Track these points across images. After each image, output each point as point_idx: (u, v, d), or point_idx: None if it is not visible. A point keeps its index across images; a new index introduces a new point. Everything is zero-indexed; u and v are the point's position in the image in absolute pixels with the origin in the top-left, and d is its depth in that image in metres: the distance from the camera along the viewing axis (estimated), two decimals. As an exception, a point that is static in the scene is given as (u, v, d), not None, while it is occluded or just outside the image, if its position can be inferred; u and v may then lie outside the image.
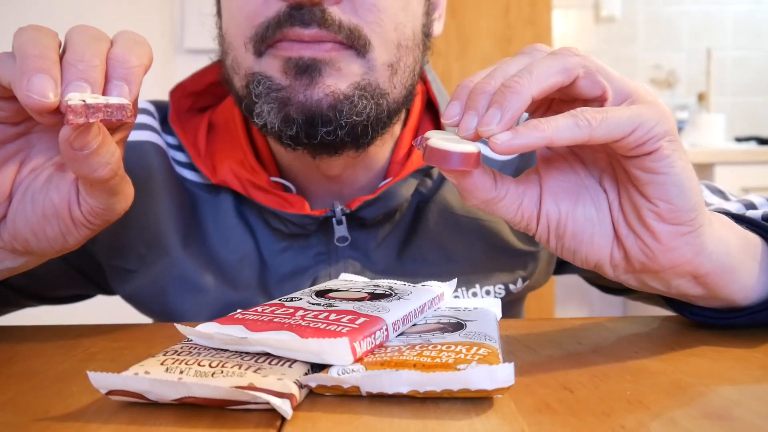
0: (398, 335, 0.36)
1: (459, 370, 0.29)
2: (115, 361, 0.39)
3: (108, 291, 0.65)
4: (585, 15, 2.54)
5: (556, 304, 2.15)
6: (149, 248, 0.58)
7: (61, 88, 0.34)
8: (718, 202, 0.58)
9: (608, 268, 0.39)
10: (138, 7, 1.90)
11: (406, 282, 0.47)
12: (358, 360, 0.31)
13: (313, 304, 0.37)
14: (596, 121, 0.33)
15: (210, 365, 0.30)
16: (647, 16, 2.54)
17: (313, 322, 0.33)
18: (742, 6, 2.54)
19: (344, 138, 0.51)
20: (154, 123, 0.61)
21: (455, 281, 0.47)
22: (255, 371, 0.29)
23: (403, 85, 0.53)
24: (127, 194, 0.42)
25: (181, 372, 0.29)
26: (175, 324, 0.35)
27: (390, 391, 0.29)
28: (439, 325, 0.37)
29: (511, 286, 0.61)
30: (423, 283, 0.45)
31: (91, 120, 0.33)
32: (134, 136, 0.59)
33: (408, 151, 0.60)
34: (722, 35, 2.54)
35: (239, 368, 0.29)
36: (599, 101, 0.36)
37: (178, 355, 0.32)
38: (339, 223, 0.57)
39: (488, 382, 0.28)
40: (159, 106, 0.64)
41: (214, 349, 0.33)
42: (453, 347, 0.32)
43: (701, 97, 2.45)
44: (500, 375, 0.28)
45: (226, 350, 0.32)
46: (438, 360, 0.30)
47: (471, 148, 0.34)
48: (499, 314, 0.43)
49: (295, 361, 0.31)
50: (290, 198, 0.57)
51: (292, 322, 0.33)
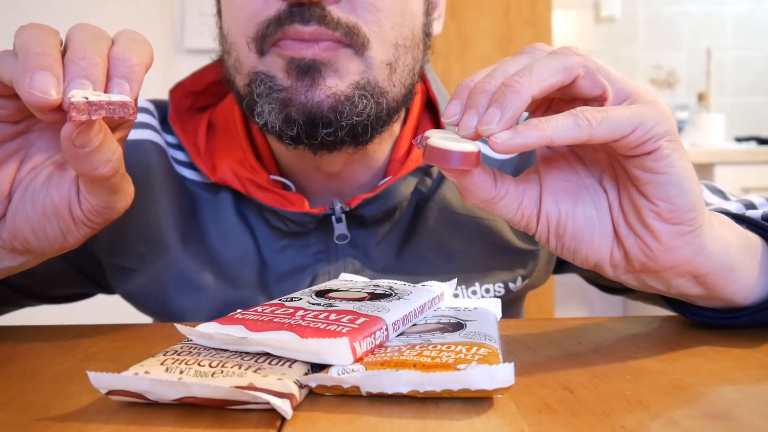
0: (398, 335, 0.36)
1: (459, 370, 0.29)
2: (115, 361, 0.39)
3: (108, 290, 0.65)
4: (585, 15, 2.54)
5: (556, 304, 2.15)
6: (149, 247, 0.58)
7: (63, 86, 0.34)
8: (717, 201, 0.58)
9: (608, 268, 0.39)
10: (138, 7, 1.90)
11: (406, 281, 0.47)
12: (358, 360, 0.31)
13: (313, 304, 0.37)
14: (596, 121, 0.33)
15: (210, 365, 0.30)
16: (647, 16, 2.54)
17: (313, 322, 0.33)
18: (742, 6, 2.54)
19: (344, 137, 0.51)
20: (154, 122, 0.61)
21: (455, 281, 0.47)
22: (255, 371, 0.29)
23: (402, 84, 0.53)
24: (127, 193, 0.42)
25: (181, 372, 0.29)
26: (175, 324, 0.35)
27: (390, 391, 0.29)
28: (439, 325, 0.37)
29: (510, 285, 0.61)
30: (423, 283, 0.45)
31: (94, 117, 0.33)
32: (134, 134, 0.59)
33: (407, 150, 0.60)
34: (722, 35, 2.54)
35: (239, 368, 0.29)
36: (599, 101, 0.36)
37: (178, 355, 0.32)
38: (338, 221, 0.57)
39: (488, 382, 0.28)
40: (159, 105, 0.64)
41: (214, 349, 0.33)
42: (453, 347, 0.32)
43: (701, 97, 2.45)
44: (500, 375, 0.28)
45: (226, 350, 0.32)
46: (438, 360, 0.30)
47: (471, 147, 0.34)
48: (499, 314, 0.43)
49: (295, 361, 0.31)
50: (290, 196, 0.57)
51: (292, 322, 0.33)
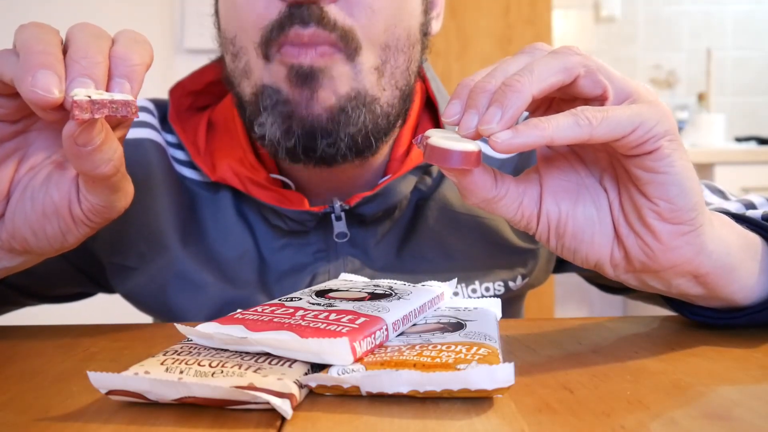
0: (398, 335, 0.36)
1: (459, 370, 0.29)
2: (115, 361, 0.39)
3: (108, 289, 0.65)
4: (585, 15, 2.54)
5: (556, 304, 2.15)
6: (149, 246, 0.58)
7: (65, 85, 0.34)
8: (717, 201, 0.58)
9: (608, 268, 0.39)
10: (138, 7, 1.90)
11: (405, 280, 0.47)
12: (358, 360, 0.31)
13: (313, 304, 0.37)
14: (597, 120, 0.33)
15: (210, 365, 0.30)
16: (647, 16, 2.54)
17: (313, 322, 0.33)
18: (742, 6, 2.54)
19: (346, 151, 0.52)
20: (154, 121, 0.61)
21: (455, 281, 0.47)
22: (255, 371, 0.29)
23: (394, 86, 0.53)
24: (127, 192, 0.42)
25: (181, 372, 0.29)
26: (175, 324, 0.35)
27: (390, 391, 0.29)
28: (439, 325, 0.37)
29: (510, 284, 0.61)
30: (423, 283, 0.45)
31: (97, 116, 0.33)
32: (134, 133, 0.59)
33: (407, 149, 0.60)
34: (722, 35, 2.54)
35: (239, 368, 0.29)
36: (600, 100, 0.36)
37: (178, 355, 0.31)
38: (338, 219, 0.57)
39: (488, 382, 0.28)
40: (158, 104, 0.64)
41: (214, 349, 0.33)
42: (453, 347, 0.32)
43: (701, 97, 2.45)
44: (500, 375, 0.28)
45: (226, 350, 0.32)
46: (438, 360, 0.30)
47: (471, 146, 0.34)
48: (499, 314, 0.43)
49: (295, 361, 0.31)
50: (289, 195, 0.57)
51: (292, 322, 0.33)
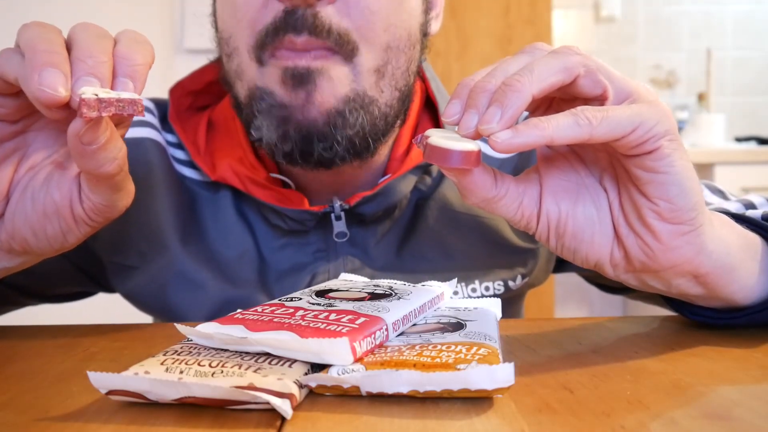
0: (398, 335, 0.36)
1: (459, 370, 0.29)
2: (115, 361, 0.39)
3: (108, 288, 0.65)
4: (585, 15, 2.54)
5: (556, 304, 2.15)
6: (149, 245, 0.58)
7: (71, 83, 0.34)
8: (717, 201, 0.58)
9: (608, 268, 0.39)
10: (138, 7, 1.90)
11: (405, 280, 0.47)
12: (358, 360, 0.31)
13: (313, 304, 0.37)
14: (597, 120, 0.33)
15: (210, 365, 0.30)
16: (647, 16, 2.54)
17: (313, 322, 0.33)
18: (742, 6, 2.54)
19: (343, 154, 0.51)
20: (154, 120, 0.61)
21: (455, 281, 0.47)
22: (255, 371, 0.29)
23: (393, 87, 0.53)
24: (129, 191, 0.42)
25: (181, 372, 0.29)
26: (175, 324, 0.35)
27: (390, 391, 0.29)
28: (439, 325, 0.37)
29: (510, 283, 0.61)
30: (423, 283, 0.45)
31: (104, 114, 0.34)
32: (135, 132, 0.59)
33: (407, 148, 0.60)
34: (722, 35, 2.54)
35: (239, 368, 0.29)
36: (600, 100, 0.36)
37: (178, 355, 0.31)
38: (338, 218, 0.57)
39: (488, 382, 0.28)
40: (158, 104, 0.64)
41: (214, 349, 0.33)
42: (453, 347, 0.32)
43: (701, 97, 2.45)
44: (500, 375, 0.28)
45: (226, 350, 0.32)
46: (438, 360, 0.30)
47: (471, 146, 0.34)
48: (499, 314, 0.43)
49: (295, 361, 0.31)
50: (289, 194, 0.57)
51: (292, 322, 0.33)
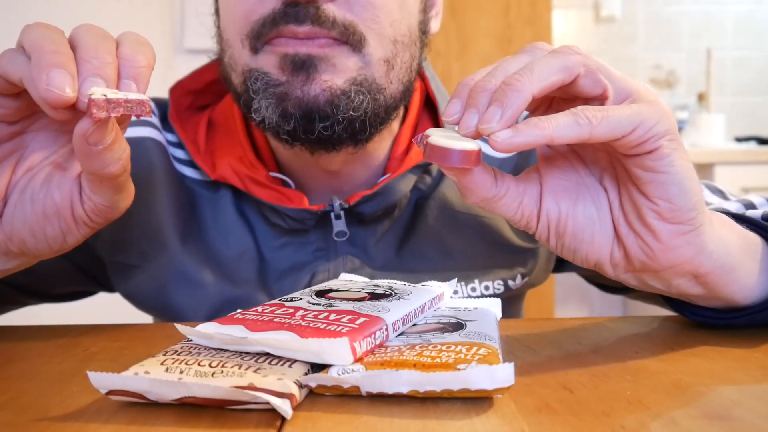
0: (398, 335, 0.36)
1: (459, 370, 0.29)
2: (115, 361, 0.39)
3: (109, 288, 0.65)
4: (585, 15, 2.54)
5: (556, 304, 2.15)
6: (150, 244, 0.58)
7: (78, 84, 0.34)
8: (717, 201, 0.58)
9: (608, 267, 0.39)
10: (138, 7, 1.90)
11: (405, 279, 0.47)
12: (358, 360, 0.31)
13: (313, 304, 0.37)
14: (597, 120, 0.33)
15: (210, 365, 0.30)
16: (647, 16, 2.54)
17: (313, 322, 0.33)
18: (742, 6, 2.54)
19: (342, 134, 0.51)
20: (155, 120, 0.62)
21: (455, 281, 0.47)
22: (255, 371, 0.29)
23: (400, 81, 0.53)
24: (130, 191, 0.42)
25: (181, 372, 0.29)
26: (175, 324, 0.35)
27: (390, 391, 0.29)
28: (439, 325, 0.37)
29: (510, 283, 0.61)
30: (423, 283, 0.45)
31: (113, 114, 0.34)
32: (136, 132, 0.59)
33: (407, 148, 0.60)
34: (722, 35, 2.54)
35: (239, 368, 0.29)
36: (600, 100, 0.36)
37: (178, 355, 0.31)
38: (337, 217, 0.57)
39: (488, 382, 0.28)
40: (159, 103, 0.64)
41: (214, 349, 0.33)
42: (453, 347, 0.32)
43: (701, 97, 2.45)
44: (500, 375, 0.28)
45: (226, 350, 0.32)
46: (438, 360, 0.30)
47: (471, 145, 0.34)
48: (499, 314, 0.43)
49: (295, 361, 0.31)
50: (289, 193, 0.57)
51: (292, 322, 0.33)
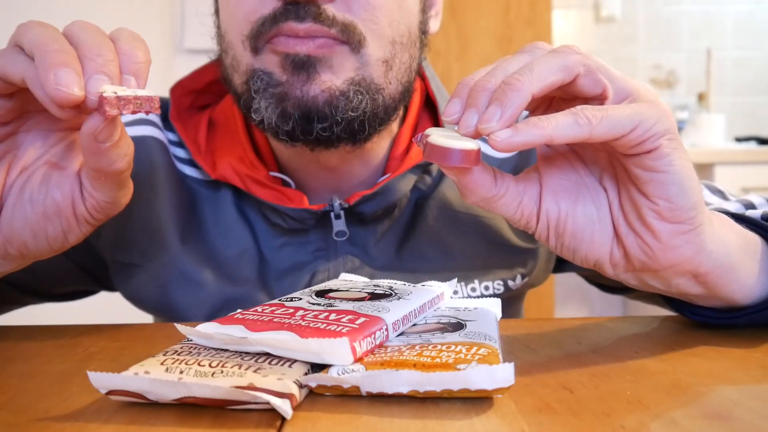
0: (398, 335, 0.36)
1: (459, 370, 0.29)
2: (115, 361, 0.39)
3: (110, 287, 0.65)
4: (585, 15, 2.54)
5: (556, 304, 2.15)
6: (150, 243, 0.58)
7: (83, 82, 0.34)
8: (717, 202, 0.58)
9: (608, 267, 0.39)
10: (138, 7, 1.90)
11: (405, 279, 0.47)
12: (358, 360, 0.31)
13: (313, 304, 0.37)
14: (596, 119, 0.33)
15: (210, 365, 0.30)
16: (647, 16, 2.54)
17: (313, 322, 0.33)
18: (742, 6, 2.54)
19: (340, 134, 0.51)
20: (156, 119, 0.62)
21: (455, 281, 0.47)
22: (255, 371, 0.29)
23: (399, 81, 0.53)
24: (130, 187, 0.42)
25: (181, 372, 0.29)
26: (175, 324, 0.35)
27: (390, 391, 0.29)
28: (439, 325, 0.37)
29: (510, 283, 0.61)
30: (423, 283, 0.45)
31: (124, 112, 0.34)
32: (137, 131, 0.59)
33: (407, 147, 0.60)
34: (722, 35, 2.54)
35: (239, 368, 0.29)
36: (599, 99, 0.36)
37: (178, 355, 0.31)
38: (337, 217, 0.57)
39: (488, 382, 0.28)
40: (159, 102, 0.64)
41: (214, 349, 0.33)
42: (453, 347, 0.32)
43: (701, 97, 2.45)
44: (500, 375, 0.28)
45: (226, 350, 0.32)
46: (438, 360, 0.30)
47: (471, 145, 0.34)
48: (499, 314, 0.43)
49: (295, 361, 0.31)
50: (289, 193, 0.57)
51: (292, 322, 0.33)
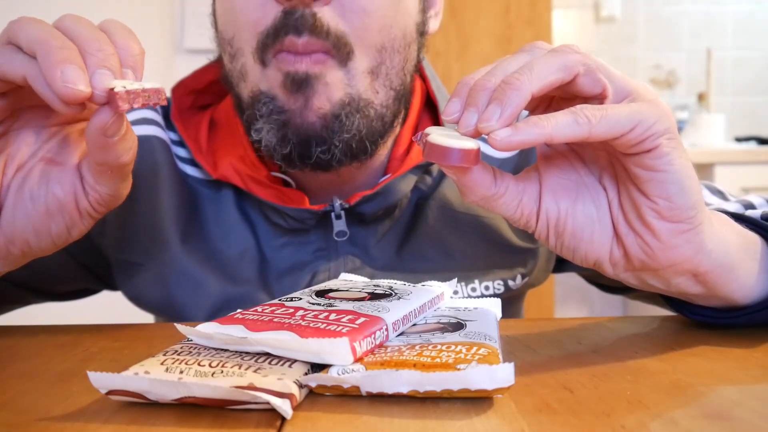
0: (398, 335, 0.36)
1: (459, 370, 0.29)
2: (115, 361, 0.39)
3: (112, 286, 0.65)
4: (585, 15, 2.54)
5: (556, 304, 2.15)
6: (153, 242, 0.58)
7: (88, 78, 0.34)
8: (717, 202, 0.58)
9: (608, 267, 0.39)
10: (138, 7, 1.90)
11: (405, 279, 0.47)
12: (358, 360, 0.31)
13: (313, 304, 0.37)
14: (596, 119, 0.33)
15: (210, 365, 0.30)
16: (647, 16, 2.54)
17: (313, 322, 0.33)
18: (742, 6, 2.54)
19: (341, 157, 0.52)
20: (159, 119, 0.62)
21: (455, 281, 0.47)
22: (255, 371, 0.29)
23: (388, 87, 0.54)
24: (130, 179, 0.42)
25: (181, 372, 0.29)
26: (175, 324, 0.35)
27: (390, 391, 0.29)
28: (439, 325, 0.37)
29: (510, 283, 0.61)
30: (423, 283, 0.45)
31: (135, 106, 0.34)
32: (141, 130, 0.60)
33: (407, 148, 0.60)
34: (722, 35, 2.54)
35: (239, 368, 0.29)
36: (599, 99, 0.36)
37: (178, 355, 0.31)
38: (338, 217, 0.57)
39: (488, 382, 0.28)
40: None
41: (214, 349, 0.33)
42: (453, 347, 0.32)
43: (701, 97, 2.45)
44: (500, 375, 0.28)
45: (226, 350, 0.32)
46: (438, 360, 0.30)
47: (471, 144, 0.34)
48: (499, 314, 0.43)
49: (295, 361, 0.31)
50: (290, 193, 0.57)
51: (292, 322, 0.33)
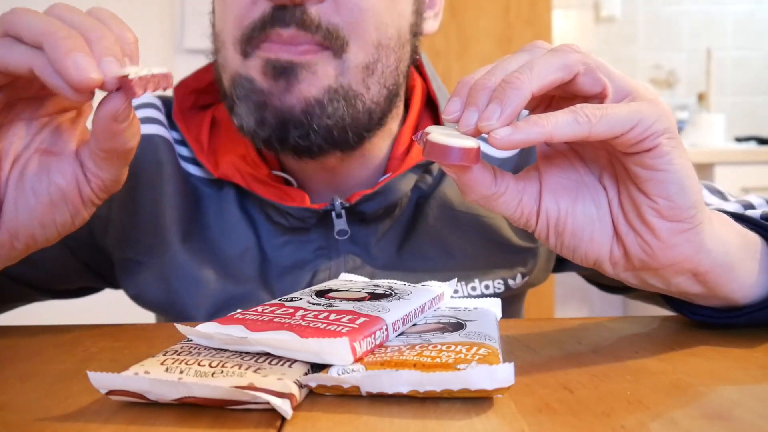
0: (398, 335, 0.36)
1: (459, 370, 0.29)
2: (115, 361, 0.39)
3: (114, 285, 0.65)
4: (585, 15, 2.54)
5: (556, 304, 2.15)
6: (155, 240, 0.59)
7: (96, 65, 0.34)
8: (717, 202, 0.58)
9: (608, 266, 0.39)
10: (138, 7, 1.90)
11: (406, 278, 0.47)
12: (358, 360, 0.31)
13: (313, 304, 0.37)
14: (596, 118, 0.33)
15: (210, 365, 0.30)
16: (647, 16, 2.54)
17: (313, 322, 0.33)
18: (742, 6, 2.53)
19: (321, 143, 0.52)
20: (162, 117, 0.62)
21: (455, 281, 0.47)
22: (255, 371, 0.29)
23: (382, 85, 0.53)
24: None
25: (181, 372, 0.29)
26: (175, 324, 0.35)
27: (390, 391, 0.29)
28: (439, 325, 0.37)
29: (510, 282, 0.61)
30: (423, 283, 0.45)
31: (148, 91, 0.34)
32: (146, 129, 0.60)
33: (407, 147, 0.60)
34: (722, 35, 2.54)
35: (239, 368, 0.29)
36: (599, 98, 0.36)
37: (178, 355, 0.31)
38: (338, 216, 0.57)
39: (488, 382, 0.28)
40: (164, 101, 0.65)
41: (214, 349, 0.33)
42: (453, 347, 0.32)
43: (701, 97, 2.45)
44: (500, 375, 0.28)
45: (226, 350, 0.32)
46: (438, 360, 0.30)
47: (471, 143, 0.34)
48: (499, 314, 0.43)
49: (295, 361, 0.31)
50: (290, 191, 0.57)
51: (292, 322, 0.33)
